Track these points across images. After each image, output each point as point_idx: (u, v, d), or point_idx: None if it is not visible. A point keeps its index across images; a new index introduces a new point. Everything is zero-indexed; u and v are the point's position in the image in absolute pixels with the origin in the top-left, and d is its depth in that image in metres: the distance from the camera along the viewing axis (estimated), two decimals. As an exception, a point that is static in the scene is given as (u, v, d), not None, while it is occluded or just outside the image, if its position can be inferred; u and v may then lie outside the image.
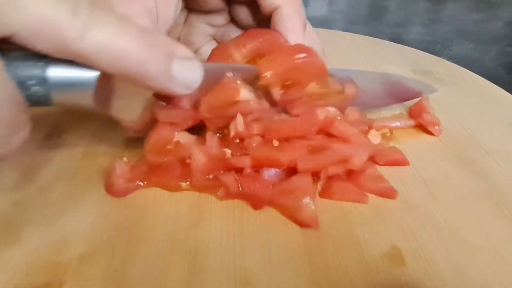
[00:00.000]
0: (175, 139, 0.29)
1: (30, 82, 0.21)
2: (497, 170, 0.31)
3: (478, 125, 0.37)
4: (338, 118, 0.30)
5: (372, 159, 0.31)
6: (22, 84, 0.20)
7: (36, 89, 0.21)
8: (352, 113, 0.32)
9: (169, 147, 0.29)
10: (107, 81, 0.24)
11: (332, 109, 0.30)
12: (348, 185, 0.29)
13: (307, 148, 0.29)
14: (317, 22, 0.72)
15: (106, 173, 0.29)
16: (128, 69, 0.22)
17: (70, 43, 0.20)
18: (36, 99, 0.22)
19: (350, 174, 0.29)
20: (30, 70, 0.21)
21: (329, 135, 0.30)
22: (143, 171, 0.29)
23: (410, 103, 0.39)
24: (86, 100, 0.23)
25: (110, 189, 0.28)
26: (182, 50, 0.24)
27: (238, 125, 0.29)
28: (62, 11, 0.19)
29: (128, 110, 0.28)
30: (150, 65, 0.22)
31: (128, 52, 0.21)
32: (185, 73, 0.24)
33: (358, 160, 0.28)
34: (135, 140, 0.32)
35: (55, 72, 0.21)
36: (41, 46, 0.20)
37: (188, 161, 0.29)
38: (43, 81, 0.21)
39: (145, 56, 0.22)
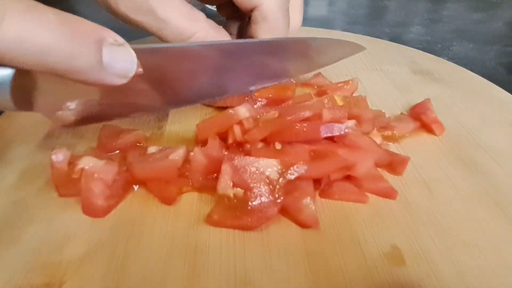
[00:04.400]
0: (78, 167, 0.27)
1: None
2: (497, 170, 0.31)
3: (478, 125, 0.37)
4: (354, 131, 0.30)
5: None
6: None
7: None
8: (367, 124, 0.32)
9: (75, 176, 0.27)
10: (24, 78, 0.22)
11: (351, 123, 0.30)
12: (348, 185, 0.29)
13: (310, 153, 0.29)
14: (317, 22, 0.72)
15: (82, 193, 0.26)
16: (52, 64, 0.19)
17: None
18: None
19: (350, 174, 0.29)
20: None
21: (333, 139, 0.30)
22: (124, 184, 0.28)
23: (411, 103, 0.39)
24: (2, 101, 0.21)
25: (87, 211, 0.26)
26: (111, 35, 0.21)
27: (236, 134, 0.29)
28: None
29: (51, 106, 0.26)
30: (79, 57, 0.20)
31: (51, 45, 0.18)
32: (117, 61, 0.22)
33: (362, 168, 0.28)
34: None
35: None
36: None
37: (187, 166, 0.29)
38: None
39: (71, 49, 0.19)
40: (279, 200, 0.26)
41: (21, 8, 0.18)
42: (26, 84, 0.23)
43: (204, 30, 0.30)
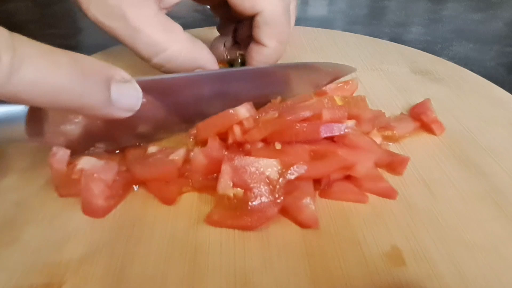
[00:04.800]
0: (78, 167, 0.27)
1: None
2: (497, 170, 0.31)
3: (478, 125, 0.37)
4: (354, 131, 0.29)
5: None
6: None
7: None
8: (367, 124, 0.32)
9: (74, 177, 0.27)
10: (38, 111, 0.24)
11: (351, 123, 0.30)
12: (348, 185, 0.29)
13: (310, 153, 0.29)
14: (317, 22, 0.72)
15: (81, 193, 0.26)
16: (65, 103, 0.20)
17: None
18: None
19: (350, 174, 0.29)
20: None
21: (333, 139, 0.30)
22: (124, 184, 0.28)
23: (411, 103, 0.39)
24: (18, 134, 0.23)
25: (87, 211, 0.26)
26: (119, 73, 0.23)
27: (236, 134, 0.29)
28: None
29: (64, 138, 0.27)
30: (88, 96, 0.21)
31: (63, 86, 0.20)
32: (124, 98, 0.23)
33: (362, 168, 0.28)
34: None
35: None
36: None
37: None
38: None
39: (82, 88, 0.20)
40: (279, 200, 0.26)
41: (37, 53, 0.19)
42: (40, 116, 0.24)
43: (179, 43, 0.29)
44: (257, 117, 0.31)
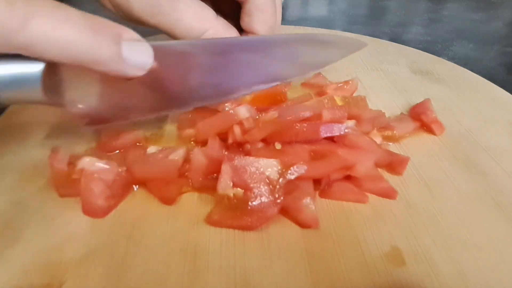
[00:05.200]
0: (78, 167, 0.27)
1: None
2: (497, 170, 0.31)
3: (478, 125, 0.37)
4: (354, 131, 0.30)
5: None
6: None
7: None
8: (367, 124, 0.32)
9: (74, 177, 0.27)
10: (54, 71, 0.24)
11: (351, 123, 0.30)
12: (348, 185, 0.29)
13: (310, 153, 0.29)
14: (317, 22, 0.72)
15: (81, 193, 0.26)
16: (76, 56, 0.21)
17: (12, 35, 0.19)
18: None
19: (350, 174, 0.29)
20: None
21: (333, 139, 0.30)
22: (124, 184, 0.28)
23: (411, 103, 0.39)
24: (35, 93, 0.23)
25: (87, 211, 0.26)
26: (128, 32, 0.24)
27: (236, 134, 0.29)
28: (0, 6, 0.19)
29: (79, 101, 0.28)
30: (99, 49, 0.22)
31: (75, 39, 0.21)
32: (135, 54, 0.24)
33: (362, 168, 0.28)
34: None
35: None
36: None
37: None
38: None
39: (92, 42, 0.22)
40: (279, 200, 0.26)
41: (49, 6, 0.20)
42: (56, 79, 0.25)
43: (213, 28, 0.31)
44: (257, 117, 0.31)
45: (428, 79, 0.45)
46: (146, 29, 0.32)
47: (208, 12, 0.32)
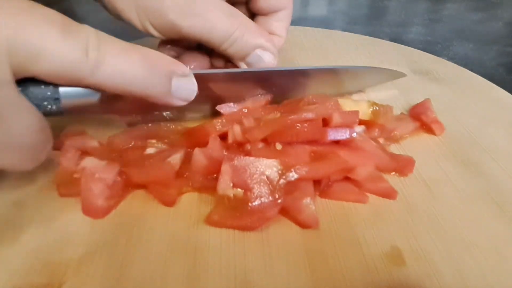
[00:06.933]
0: (81, 166, 0.28)
1: (45, 103, 0.24)
2: (497, 170, 0.31)
3: (478, 125, 0.37)
4: (361, 137, 0.30)
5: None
6: (38, 106, 0.23)
7: (50, 107, 0.24)
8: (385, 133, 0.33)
9: (76, 175, 0.27)
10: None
11: (359, 129, 0.30)
12: (348, 185, 0.29)
13: (310, 154, 0.29)
14: (317, 22, 0.72)
15: (82, 194, 0.26)
16: (135, 92, 0.25)
17: (83, 79, 0.22)
18: (50, 114, 0.25)
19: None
20: (44, 93, 0.24)
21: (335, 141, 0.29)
22: (124, 185, 0.28)
23: (411, 103, 0.39)
24: (93, 107, 0.26)
25: (87, 211, 0.26)
26: (180, 68, 0.26)
27: (236, 134, 0.29)
28: (77, 55, 0.21)
29: (128, 109, 0.30)
30: (153, 87, 0.25)
31: (134, 79, 0.24)
32: (182, 90, 0.27)
33: (363, 171, 0.28)
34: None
35: (66, 92, 0.24)
36: (58, 82, 0.23)
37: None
38: (56, 100, 0.24)
39: (148, 81, 0.25)
40: (279, 201, 0.26)
41: (116, 50, 0.23)
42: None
43: (243, 26, 0.33)
44: (259, 116, 0.31)
45: (428, 79, 0.45)
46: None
47: (236, 10, 0.33)
